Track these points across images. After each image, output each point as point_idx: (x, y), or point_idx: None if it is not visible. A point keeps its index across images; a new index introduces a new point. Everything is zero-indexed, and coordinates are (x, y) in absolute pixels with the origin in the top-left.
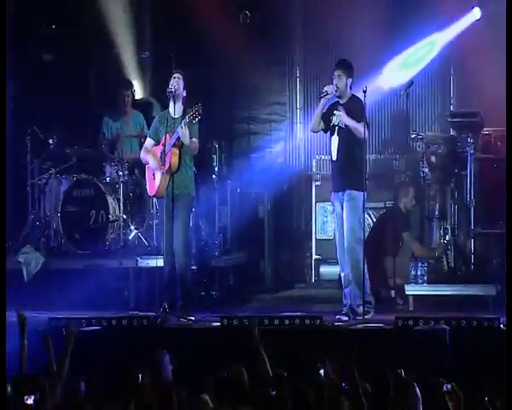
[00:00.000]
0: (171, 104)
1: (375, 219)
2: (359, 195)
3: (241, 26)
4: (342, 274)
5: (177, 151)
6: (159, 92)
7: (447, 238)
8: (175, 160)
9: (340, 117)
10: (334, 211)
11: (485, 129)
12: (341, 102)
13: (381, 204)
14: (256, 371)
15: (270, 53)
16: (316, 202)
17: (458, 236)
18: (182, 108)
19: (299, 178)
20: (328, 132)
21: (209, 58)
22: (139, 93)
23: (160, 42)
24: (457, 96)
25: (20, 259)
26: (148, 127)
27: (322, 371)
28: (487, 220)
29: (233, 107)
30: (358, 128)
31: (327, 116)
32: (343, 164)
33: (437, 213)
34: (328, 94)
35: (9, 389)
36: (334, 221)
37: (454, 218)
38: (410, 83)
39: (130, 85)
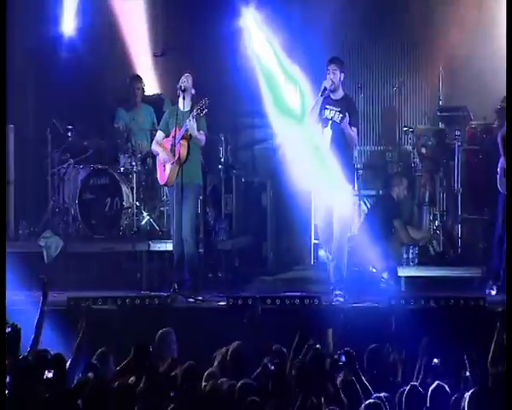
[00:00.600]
0: (181, 100)
1: (369, 206)
2: (348, 188)
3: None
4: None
5: (186, 143)
6: (169, 89)
7: (436, 223)
8: (184, 151)
9: (335, 112)
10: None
11: (471, 122)
12: (334, 97)
13: (375, 192)
14: (257, 347)
15: None
16: None
17: (447, 221)
18: (190, 104)
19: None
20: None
21: (217, 57)
22: (151, 89)
23: (172, 42)
24: (445, 92)
25: (41, 243)
26: (158, 121)
27: (318, 346)
28: (473, 207)
29: (238, 102)
30: (353, 136)
31: (320, 109)
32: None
33: (427, 200)
34: (326, 90)
35: (31, 361)
36: (320, 212)
37: (443, 204)
38: (402, 80)
39: (140, 80)
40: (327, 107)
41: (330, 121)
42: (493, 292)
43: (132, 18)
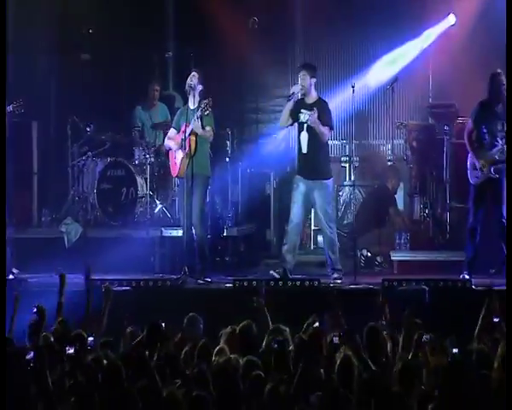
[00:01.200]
0: (191, 98)
1: (364, 196)
2: (329, 183)
3: (250, 31)
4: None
5: (194, 138)
6: (180, 87)
7: (426, 211)
8: (193, 145)
9: (309, 117)
10: (298, 192)
11: (458, 118)
12: (307, 101)
13: (370, 183)
14: (261, 326)
15: (274, 54)
16: None
17: (436, 209)
18: (198, 100)
19: None
20: (297, 126)
21: (223, 58)
22: (164, 88)
23: (182, 44)
24: (435, 90)
25: (62, 229)
26: (172, 117)
27: (317, 324)
28: (461, 196)
29: (243, 100)
30: (324, 132)
31: (294, 113)
32: (314, 157)
33: (418, 190)
34: (295, 94)
35: (52, 339)
36: (297, 201)
37: (432, 194)
38: (395, 79)
39: (158, 82)
40: (302, 111)
41: (305, 125)
42: (466, 276)
43: (146, 20)
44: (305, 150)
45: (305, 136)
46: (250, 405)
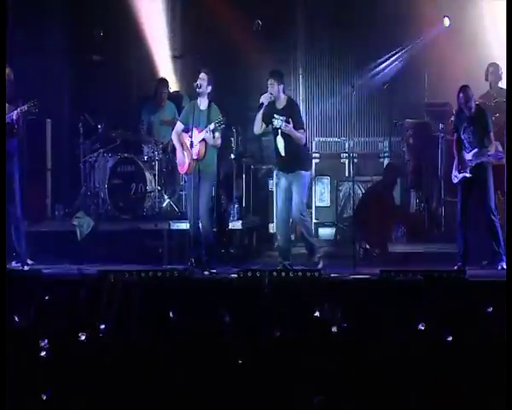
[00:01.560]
0: (199, 98)
1: (363, 191)
2: (306, 174)
3: (253, 33)
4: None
5: (204, 144)
6: (188, 87)
7: (422, 205)
8: (202, 150)
9: (283, 127)
10: (279, 187)
11: (453, 117)
12: (278, 106)
13: (369, 178)
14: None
15: (277, 54)
16: (315, 176)
17: (431, 203)
18: (207, 101)
19: None
20: (272, 131)
21: (229, 59)
22: (172, 87)
23: (189, 46)
24: (430, 90)
25: (75, 222)
26: (179, 114)
27: (318, 313)
28: (455, 190)
29: (248, 98)
30: (300, 137)
31: (267, 119)
32: (292, 157)
33: (414, 185)
34: (264, 104)
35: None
36: (279, 195)
37: (428, 189)
38: (392, 79)
39: (167, 82)
40: (274, 116)
41: (279, 130)
42: (460, 268)
43: (155, 23)
44: (283, 154)
45: (280, 140)
46: None
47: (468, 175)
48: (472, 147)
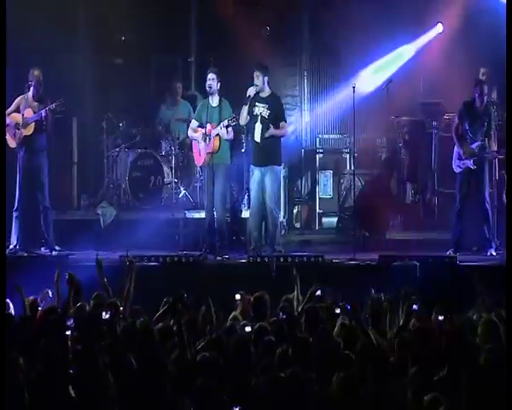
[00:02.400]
0: (210, 97)
1: (363, 182)
2: (278, 169)
3: (263, 37)
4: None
5: (218, 138)
6: (201, 87)
7: (417, 197)
8: (216, 144)
9: (263, 109)
10: (253, 179)
11: (445, 115)
12: (262, 95)
13: (367, 171)
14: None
15: (284, 57)
16: (319, 170)
17: (425, 194)
18: (218, 98)
19: (306, 151)
20: (251, 118)
21: (239, 61)
22: (186, 88)
23: (202, 50)
24: (425, 89)
25: (99, 211)
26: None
27: (319, 292)
28: (447, 182)
29: None
30: (283, 131)
31: (250, 108)
32: (266, 145)
33: (409, 177)
34: (251, 96)
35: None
36: (253, 187)
37: (422, 181)
38: (390, 80)
39: (180, 83)
40: (256, 104)
41: (259, 117)
42: (452, 253)
43: (171, 29)
44: (258, 140)
45: (258, 126)
46: (262, 367)
47: (472, 167)
48: (475, 139)
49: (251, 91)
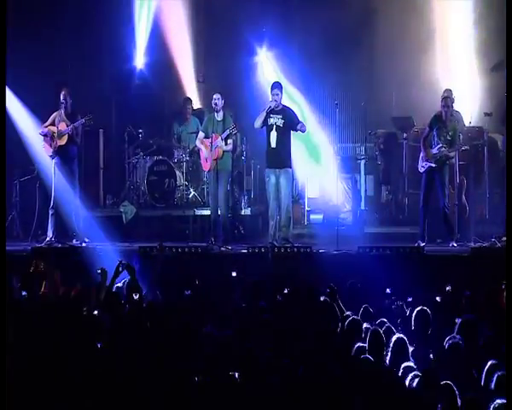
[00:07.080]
0: (215, 112)
1: (345, 185)
2: (291, 171)
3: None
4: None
5: (221, 148)
6: (208, 105)
7: (390, 196)
8: (220, 153)
9: (277, 119)
10: (269, 181)
11: (414, 127)
12: (276, 108)
13: (349, 175)
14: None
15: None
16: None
17: (398, 195)
18: (222, 113)
19: None
20: (267, 127)
21: (240, 83)
22: (196, 105)
23: (209, 73)
24: (397, 106)
25: (121, 209)
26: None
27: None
28: (416, 185)
29: (254, 115)
30: (302, 129)
31: (265, 118)
32: (281, 151)
33: (384, 180)
34: (271, 107)
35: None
36: (270, 189)
37: (395, 183)
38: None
39: (190, 101)
40: (271, 116)
41: (274, 126)
42: (422, 244)
43: (184, 55)
44: (274, 145)
45: (274, 134)
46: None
47: (432, 165)
48: (437, 144)
49: (272, 104)
